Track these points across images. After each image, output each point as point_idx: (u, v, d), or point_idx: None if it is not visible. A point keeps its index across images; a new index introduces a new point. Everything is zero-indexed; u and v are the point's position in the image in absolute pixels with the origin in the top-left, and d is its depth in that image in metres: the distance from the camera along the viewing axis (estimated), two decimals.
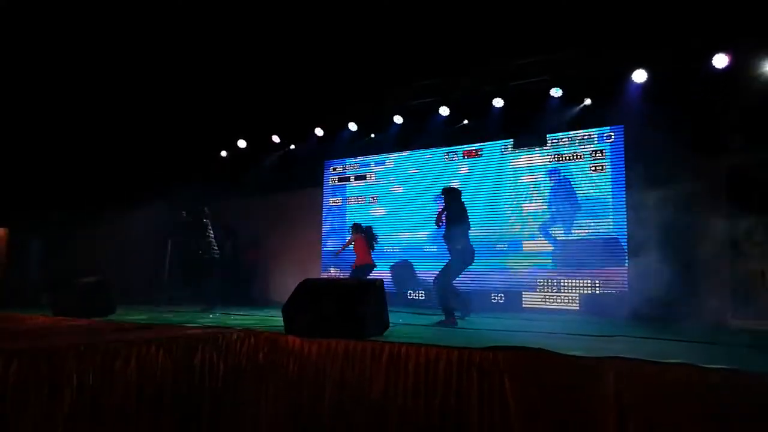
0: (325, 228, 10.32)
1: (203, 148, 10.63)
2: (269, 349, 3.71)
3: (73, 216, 7.96)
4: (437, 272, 6.02)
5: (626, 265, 7.33)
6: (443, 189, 6.32)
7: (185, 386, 3.32)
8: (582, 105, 7.81)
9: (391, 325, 4.22)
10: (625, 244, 7.39)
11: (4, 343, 2.97)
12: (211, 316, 6.24)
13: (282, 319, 4.01)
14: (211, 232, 7.51)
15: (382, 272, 8.98)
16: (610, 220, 7.59)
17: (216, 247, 7.54)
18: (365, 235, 7.94)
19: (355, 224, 8.15)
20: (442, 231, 6.09)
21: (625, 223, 7.43)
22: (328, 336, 3.45)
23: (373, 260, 7.88)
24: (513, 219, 8.29)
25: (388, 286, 7.72)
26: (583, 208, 7.82)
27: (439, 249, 8.52)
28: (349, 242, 8.02)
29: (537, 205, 8.18)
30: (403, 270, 9.09)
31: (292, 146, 10.25)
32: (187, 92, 8.75)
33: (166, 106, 8.98)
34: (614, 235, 7.51)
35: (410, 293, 8.97)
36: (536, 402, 2.70)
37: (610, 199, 7.62)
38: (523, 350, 2.98)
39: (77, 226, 8.10)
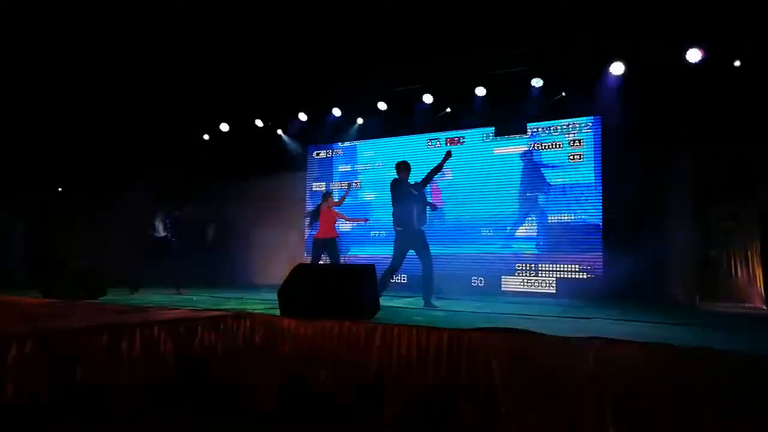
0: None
1: (185, 132, 10.57)
2: (265, 330, 3.84)
3: (55, 198, 7.92)
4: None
5: (601, 250, 7.63)
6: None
7: (186, 364, 3.44)
8: (561, 95, 8.01)
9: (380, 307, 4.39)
10: (601, 230, 7.69)
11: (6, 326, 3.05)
12: (195, 298, 6.28)
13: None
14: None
15: (368, 256, 9.14)
16: (587, 207, 7.86)
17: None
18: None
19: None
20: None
21: (601, 210, 7.72)
22: (324, 318, 3.59)
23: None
24: (493, 205, 8.51)
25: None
26: (560, 196, 8.08)
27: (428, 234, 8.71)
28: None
29: (516, 192, 8.41)
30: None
31: (279, 131, 10.29)
32: (170, 74, 8.69)
33: (148, 87, 8.91)
34: (590, 221, 7.80)
35: (394, 277, 9.09)
36: (522, 381, 2.87)
37: (587, 187, 7.89)
38: (510, 331, 3.18)
39: (60, 208, 8.06)
